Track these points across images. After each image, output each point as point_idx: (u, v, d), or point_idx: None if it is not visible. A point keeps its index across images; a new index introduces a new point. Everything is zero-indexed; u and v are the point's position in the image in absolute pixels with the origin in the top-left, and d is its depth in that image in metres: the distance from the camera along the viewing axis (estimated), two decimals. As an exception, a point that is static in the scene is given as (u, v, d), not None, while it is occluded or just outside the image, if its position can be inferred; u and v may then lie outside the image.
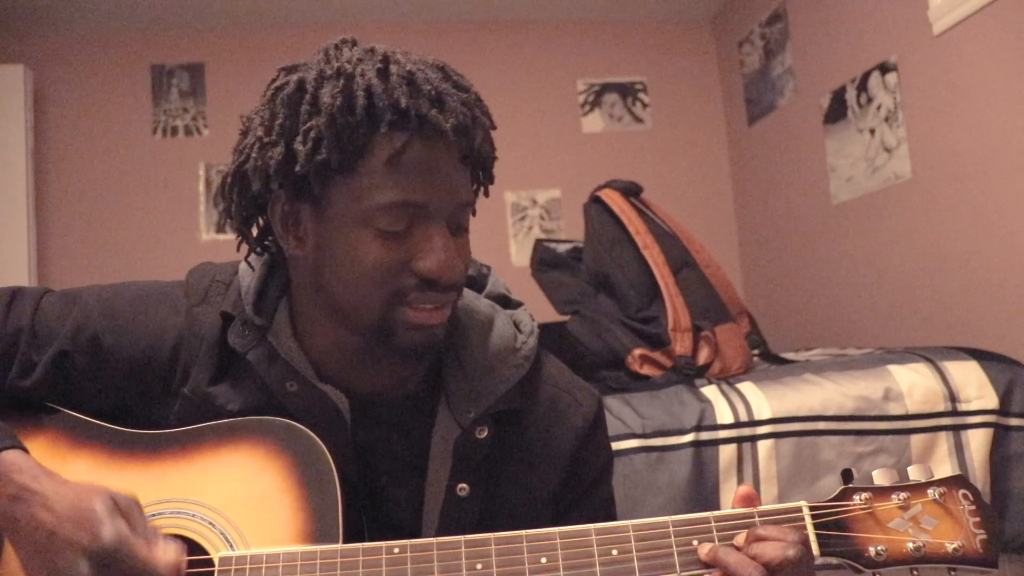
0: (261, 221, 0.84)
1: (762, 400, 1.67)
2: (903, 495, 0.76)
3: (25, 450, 0.77)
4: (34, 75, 3.20)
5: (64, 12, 3.22)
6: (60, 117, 3.34)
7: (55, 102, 3.34)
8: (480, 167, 0.84)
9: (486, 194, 0.87)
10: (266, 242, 0.86)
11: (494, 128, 0.84)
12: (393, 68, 0.76)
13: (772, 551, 0.71)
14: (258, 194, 0.80)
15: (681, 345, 2.00)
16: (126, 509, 0.71)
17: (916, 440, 1.65)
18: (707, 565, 0.73)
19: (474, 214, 0.86)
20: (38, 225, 3.21)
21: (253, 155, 0.79)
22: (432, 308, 0.79)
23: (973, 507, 0.75)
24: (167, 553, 0.70)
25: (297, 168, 0.75)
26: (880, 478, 0.77)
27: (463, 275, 0.82)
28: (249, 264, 0.89)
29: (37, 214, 3.20)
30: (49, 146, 3.31)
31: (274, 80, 0.81)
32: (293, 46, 2.87)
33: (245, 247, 0.87)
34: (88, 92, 3.38)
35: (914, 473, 0.78)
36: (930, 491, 0.76)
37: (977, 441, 1.64)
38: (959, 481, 0.77)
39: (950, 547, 0.73)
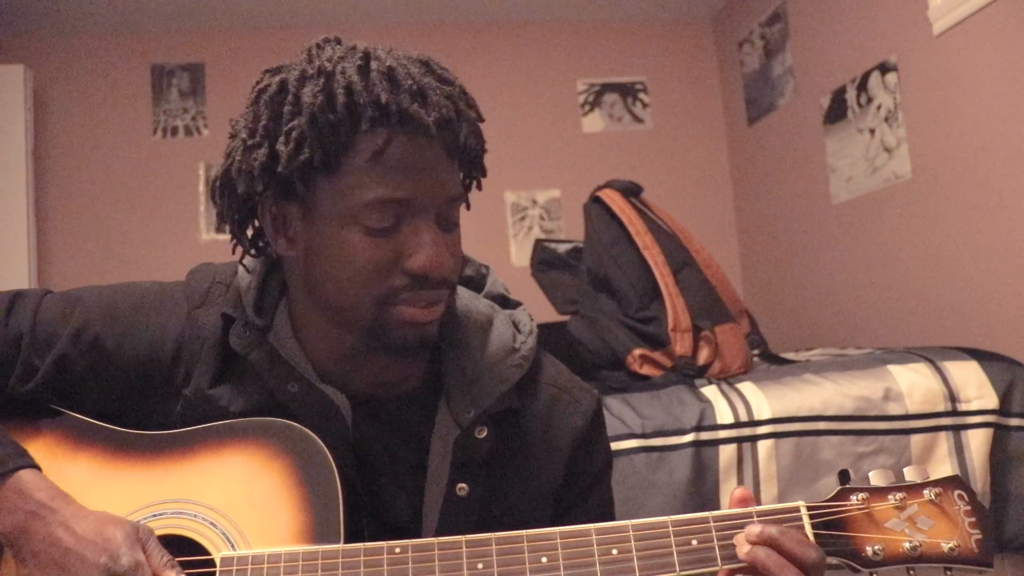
0: (256, 223, 0.84)
1: (762, 400, 1.68)
2: (899, 495, 0.76)
3: (39, 468, 0.78)
4: (34, 75, 3.20)
5: (64, 12, 3.22)
6: (60, 117, 3.34)
7: (55, 102, 3.34)
8: (468, 161, 0.83)
9: (479, 187, 0.87)
10: (260, 244, 0.86)
11: (481, 121, 0.83)
12: (373, 64, 0.76)
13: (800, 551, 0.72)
14: (245, 196, 0.80)
15: (681, 345, 2.00)
16: (145, 541, 0.73)
17: (916, 440, 1.65)
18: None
19: (468, 208, 0.86)
20: (38, 225, 3.21)
21: (237, 157, 0.79)
22: (424, 305, 0.79)
23: (968, 507, 0.76)
24: None
25: (280, 168, 0.75)
26: (876, 479, 0.78)
27: (454, 271, 0.82)
28: (244, 267, 0.89)
29: (37, 214, 3.20)
30: (49, 146, 3.31)
31: (258, 82, 0.81)
32: (293, 46, 2.87)
33: (240, 249, 0.87)
34: (88, 92, 3.38)
35: (910, 474, 0.78)
36: (926, 491, 0.76)
37: (977, 441, 1.64)
38: (954, 482, 0.77)
39: (946, 547, 0.74)
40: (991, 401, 1.66)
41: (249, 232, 0.85)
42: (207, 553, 0.76)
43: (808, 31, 3.05)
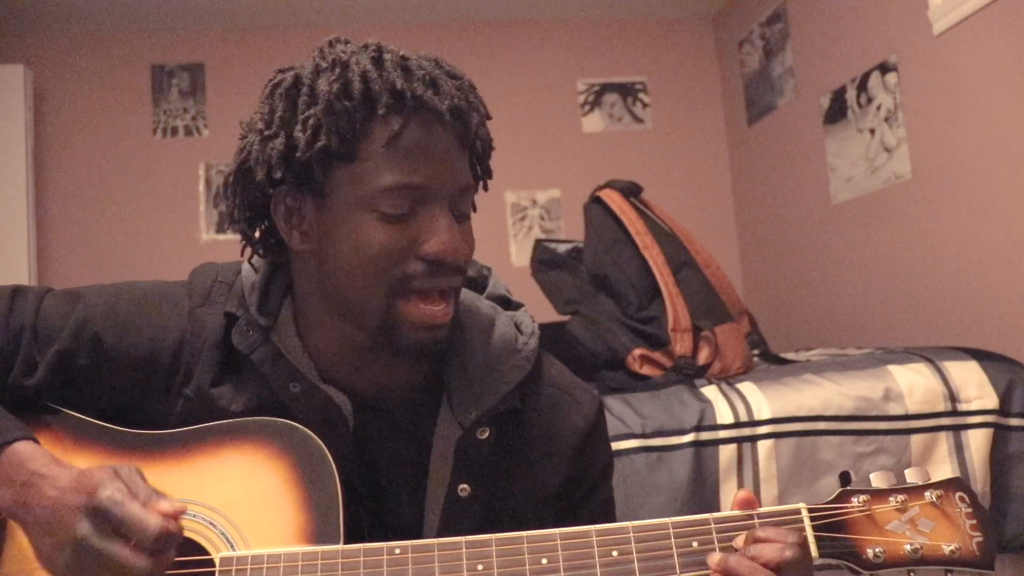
0: (265, 224, 0.85)
1: (762, 400, 1.68)
2: (900, 497, 0.76)
3: (36, 441, 0.77)
4: (34, 75, 3.20)
5: (64, 12, 3.22)
6: (60, 117, 3.34)
7: (55, 102, 3.34)
8: (478, 155, 0.84)
9: (485, 188, 0.88)
10: (269, 243, 0.86)
11: (489, 118, 0.84)
12: (387, 55, 0.78)
13: (770, 552, 0.71)
14: (260, 188, 0.80)
15: (681, 345, 2.00)
16: (126, 476, 0.72)
17: (916, 440, 1.65)
18: (707, 567, 0.74)
19: (475, 209, 0.86)
20: (38, 225, 3.21)
21: (255, 148, 0.80)
22: (438, 298, 0.79)
23: (969, 509, 0.76)
24: (162, 507, 0.70)
25: (298, 154, 0.76)
26: (878, 481, 0.78)
27: (468, 258, 0.82)
28: (252, 266, 0.89)
29: (37, 214, 3.20)
30: (49, 146, 3.31)
31: (271, 79, 0.83)
32: (293, 46, 2.87)
33: (248, 250, 0.88)
34: (88, 92, 3.38)
35: (911, 476, 0.78)
36: (927, 494, 0.76)
37: (977, 441, 1.64)
38: (956, 484, 0.77)
39: (947, 549, 0.74)
40: (991, 401, 1.66)
41: (257, 233, 0.85)
42: (206, 553, 0.76)
43: (808, 31, 3.05)
